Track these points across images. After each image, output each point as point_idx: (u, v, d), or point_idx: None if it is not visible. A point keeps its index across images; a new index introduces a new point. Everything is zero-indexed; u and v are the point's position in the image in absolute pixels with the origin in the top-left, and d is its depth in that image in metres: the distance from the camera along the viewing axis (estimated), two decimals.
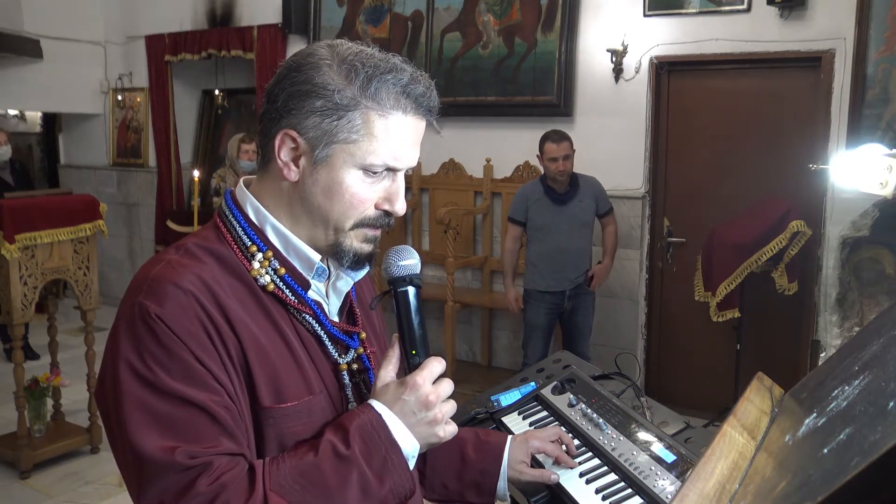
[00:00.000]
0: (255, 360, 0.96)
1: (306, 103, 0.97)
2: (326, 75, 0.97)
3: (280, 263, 1.02)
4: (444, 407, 1.00)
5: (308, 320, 1.04)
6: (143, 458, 0.87)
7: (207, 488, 0.87)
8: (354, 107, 0.97)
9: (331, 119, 0.97)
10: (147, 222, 6.97)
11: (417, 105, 1.00)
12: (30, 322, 4.13)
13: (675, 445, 1.42)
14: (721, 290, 4.04)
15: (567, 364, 1.86)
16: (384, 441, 0.95)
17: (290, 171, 1.00)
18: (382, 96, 0.98)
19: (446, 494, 1.33)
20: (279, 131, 0.99)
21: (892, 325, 0.98)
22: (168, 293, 0.92)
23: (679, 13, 4.40)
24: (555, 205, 4.11)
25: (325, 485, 0.91)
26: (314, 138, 0.98)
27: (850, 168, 2.09)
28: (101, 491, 3.64)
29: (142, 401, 0.89)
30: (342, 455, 0.93)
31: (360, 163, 0.99)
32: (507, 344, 5.27)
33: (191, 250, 1.00)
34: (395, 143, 0.99)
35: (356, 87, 0.97)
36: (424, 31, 5.30)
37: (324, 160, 0.98)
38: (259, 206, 1.03)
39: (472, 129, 5.18)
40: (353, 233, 1.02)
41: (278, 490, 0.89)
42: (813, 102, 4.18)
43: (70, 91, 6.77)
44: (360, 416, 0.97)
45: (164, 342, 0.90)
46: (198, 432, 0.89)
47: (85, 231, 3.84)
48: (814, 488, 0.67)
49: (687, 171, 4.64)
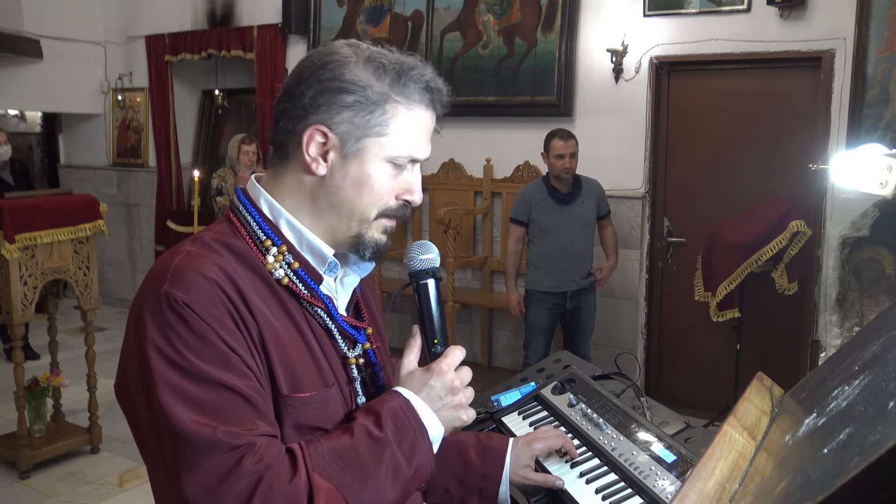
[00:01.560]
0: (273, 349, 0.98)
1: (337, 99, 1.00)
2: (355, 72, 1.01)
3: (294, 258, 1.04)
4: (466, 392, 1.06)
5: (320, 314, 1.06)
6: (186, 437, 0.88)
7: (253, 468, 0.88)
8: (385, 101, 1.01)
9: (363, 113, 1.01)
10: (147, 222, 6.97)
11: (435, 101, 1.06)
12: (30, 322, 4.14)
13: (675, 445, 1.42)
14: (721, 290, 4.04)
15: (567, 364, 1.86)
16: (413, 425, 1.00)
17: (318, 165, 1.03)
18: (411, 91, 1.03)
19: (448, 499, 1.32)
20: (307, 127, 1.01)
21: (892, 325, 0.98)
22: (193, 281, 0.94)
23: (679, 13, 4.40)
24: (558, 205, 4.10)
25: (362, 465, 0.95)
26: (345, 132, 1.01)
27: (850, 168, 2.09)
28: (101, 491, 3.64)
29: (177, 386, 0.90)
30: (376, 437, 0.97)
31: (388, 155, 1.03)
32: (507, 344, 5.27)
33: (208, 243, 1.01)
34: (418, 135, 1.05)
35: (386, 82, 1.02)
36: (424, 31, 5.30)
37: (355, 154, 1.02)
38: (273, 202, 1.05)
39: (472, 129, 5.18)
40: (375, 224, 1.06)
41: (320, 471, 0.92)
42: (813, 102, 4.18)
43: (70, 91, 6.78)
44: (390, 402, 1.01)
45: (195, 328, 0.92)
46: (235, 415, 0.91)
47: (85, 231, 3.83)
48: (814, 488, 0.67)
49: (687, 171, 4.64)
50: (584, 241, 4.17)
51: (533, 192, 4.16)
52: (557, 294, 4.14)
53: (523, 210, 4.15)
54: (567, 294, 4.15)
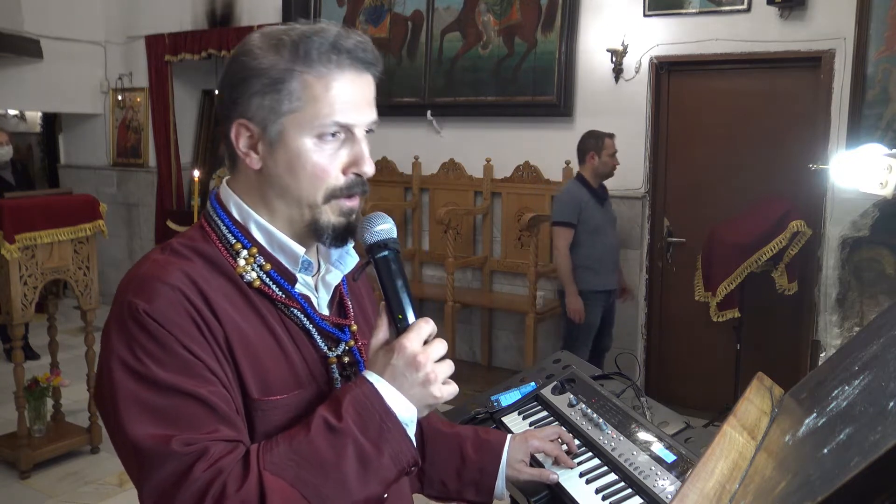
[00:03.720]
0: (241, 354, 0.97)
1: (246, 88, 0.99)
2: (258, 56, 0.99)
3: (265, 259, 1.03)
4: (437, 367, 0.97)
5: (296, 314, 1.04)
6: (140, 450, 0.88)
7: (203, 473, 0.87)
8: (289, 76, 0.97)
9: (271, 94, 0.98)
10: (147, 222, 6.97)
11: (353, 58, 1.00)
12: (30, 322, 4.14)
13: (675, 445, 1.42)
14: (721, 289, 4.04)
15: (567, 364, 1.86)
16: (378, 409, 0.93)
17: (251, 159, 1.01)
18: (313, 57, 0.98)
19: (445, 492, 1.33)
20: (232, 124, 1.01)
21: (892, 325, 0.98)
22: (156, 290, 0.93)
23: (679, 13, 4.40)
24: (598, 205, 4.20)
25: (320, 459, 0.90)
26: (262, 119, 0.99)
27: (850, 168, 2.09)
28: (101, 491, 3.64)
29: (137, 395, 0.90)
30: (334, 428, 0.91)
31: (310, 130, 0.99)
32: (507, 344, 5.27)
33: (177, 249, 1.01)
34: (339, 101, 0.99)
35: (286, 56, 0.98)
36: (424, 31, 5.30)
37: (277, 137, 0.99)
38: (242, 204, 1.04)
39: (472, 129, 5.18)
40: (327, 207, 1.02)
41: (272, 469, 0.89)
42: (813, 102, 4.18)
43: (70, 91, 6.77)
44: (354, 389, 0.95)
45: (156, 336, 0.91)
46: (195, 422, 0.89)
47: (85, 231, 3.83)
48: (814, 488, 0.67)
49: (687, 171, 4.64)
50: (617, 237, 4.38)
51: (579, 194, 4.16)
52: (608, 291, 4.26)
53: (574, 212, 4.13)
54: (612, 291, 4.30)
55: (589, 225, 4.14)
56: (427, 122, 5.29)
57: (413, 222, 5.50)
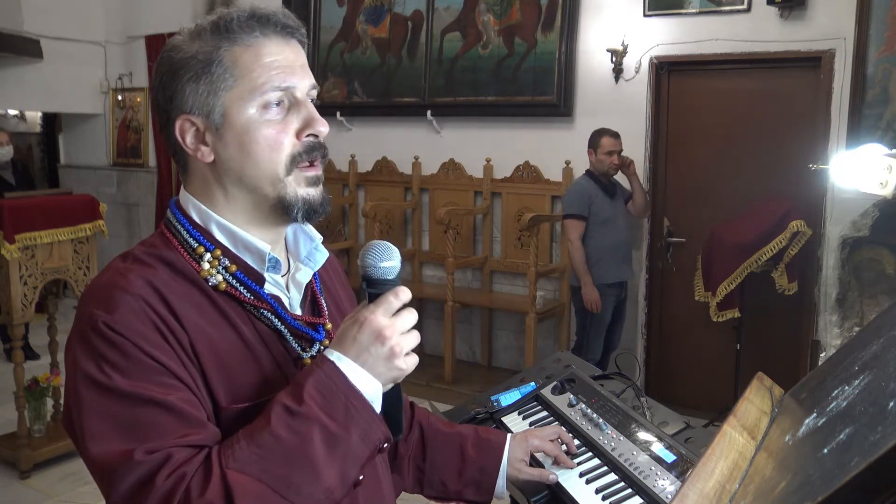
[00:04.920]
0: (208, 361, 0.94)
1: (178, 82, 0.97)
2: (182, 49, 0.98)
3: (231, 261, 1.00)
4: (403, 339, 0.92)
5: (266, 316, 1.01)
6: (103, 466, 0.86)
7: (166, 481, 0.83)
8: (217, 55, 0.96)
9: (204, 78, 0.96)
10: (147, 222, 6.97)
11: (276, 24, 0.99)
12: (30, 322, 4.14)
13: (675, 445, 1.42)
14: (721, 290, 4.04)
15: (567, 364, 1.86)
16: (342, 388, 0.89)
17: (202, 153, 0.99)
18: (234, 29, 0.97)
19: (445, 492, 1.33)
20: (173, 122, 0.99)
21: (892, 325, 0.98)
22: (116, 299, 0.91)
23: (679, 13, 4.40)
24: (609, 198, 4.25)
25: (284, 448, 0.86)
26: (202, 106, 0.97)
27: (850, 168, 2.09)
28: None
29: (102, 409, 0.87)
30: (296, 412, 0.87)
31: (251, 101, 0.96)
32: (507, 344, 5.27)
33: (139, 257, 0.98)
34: (273, 67, 0.97)
35: (207, 39, 0.97)
36: (424, 31, 5.30)
37: (222, 120, 0.97)
38: (201, 206, 1.01)
39: (472, 129, 5.18)
40: (290, 179, 0.99)
41: (235, 466, 0.85)
42: (813, 102, 4.18)
43: (70, 91, 6.77)
44: (315, 370, 0.91)
45: (119, 347, 0.89)
46: (161, 430, 0.87)
47: (85, 231, 3.84)
48: (814, 488, 0.67)
49: (687, 171, 4.64)
50: (629, 230, 4.40)
51: (588, 187, 4.23)
52: (620, 284, 4.30)
53: (584, 205, 4.19)
54: (624, 284, 4.34)
55: (599, 217, 4.20)
56: (427, 122, 5.29)
57: (413, 222, 5.50)
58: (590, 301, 4.17)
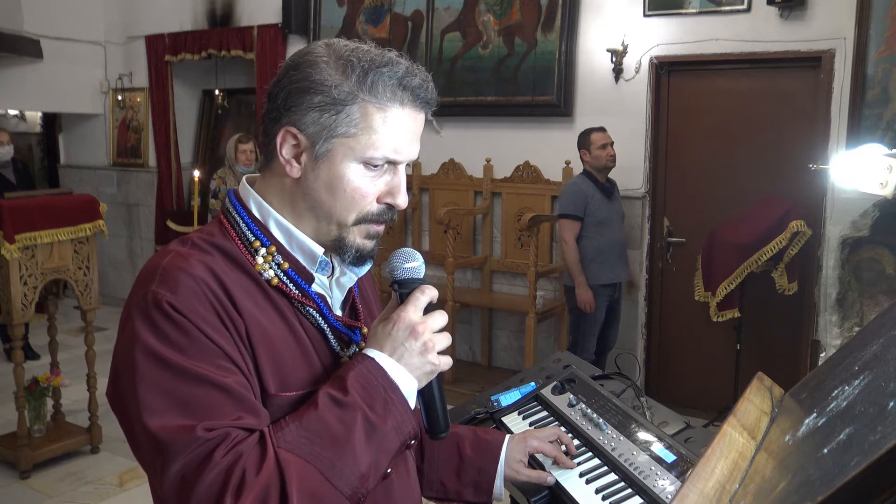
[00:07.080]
0: (260, 348, 0.98)
1: (305, 100, 0.99)
2: (324, 72, 0.99)
3: (283, 258, 1.03)
4: (436, 337, 1.01)
5: (312, 313, 1.05)
6: (162, 440, 0.89)
7: (223, 458, 0.88)
8: (352, 101, 0.98)
9: (329, 114, 0.98)
10: (147, 222, 6.97)
11: (415, 97, 1.02)
12: (30, 322, 4.14)
13: (675, 445, 1.42)
14: (721, 290, 4.04)
15: (567, 364, 1.86)
16: (382, 382, 0.97)
17: (292, 167, 1.02)
18: (379, 89, 0.99)
19: (444, 492, 1.34)
20: (280, 129, 1.01)
21: (892, 325, 0.98)
22: (180, 280, 0.94)
23: (679, 13, 4.40)
24: (605, 198, 4.25)
25: (331, 434, 0.92)
26: (314, 134, 0.99)
27: (850, 168, 2.09)
28: (101, 491, 3.64)
29: (162, 384, 0.91)
30: (342, 402, 0.94)
31: (360, 156, 1.00)
32: (507, 344, 5.27)
33: (197, 243, 1.02)
34: (393, 135, 1.01)
35: (353, 81, 0.98)
36: (424, 31, 5.30)
37: (324, 155, 1.00)
38: (262, 202, 1.05)
39: (472, 129, 5.18)
40: (355, 228, 1.04)
41: (286, 447, 0.91)
42: (813, 102, 4.18)
43: (70, 91, 6.78)
44: (356, 365, 0.98)
45: (180, 326, 0.92)
46: (217, 410, 0.91)
47: (85, 231, 3.83)
48: (814, 488, 0.67)
49: (687, 171, 4.64)
50: (624, 231, 4.40)
51: (584, 187, 4.22)
52: (614, 285, 4.29)
53: (580, 205, 4.19)
54: (618, 284, 4.33)
55: (595, 218, 4.19)
56: (427, 121, 5.28)
57: (413, 222, 5.50)
58: (583, 301, 4.17)
